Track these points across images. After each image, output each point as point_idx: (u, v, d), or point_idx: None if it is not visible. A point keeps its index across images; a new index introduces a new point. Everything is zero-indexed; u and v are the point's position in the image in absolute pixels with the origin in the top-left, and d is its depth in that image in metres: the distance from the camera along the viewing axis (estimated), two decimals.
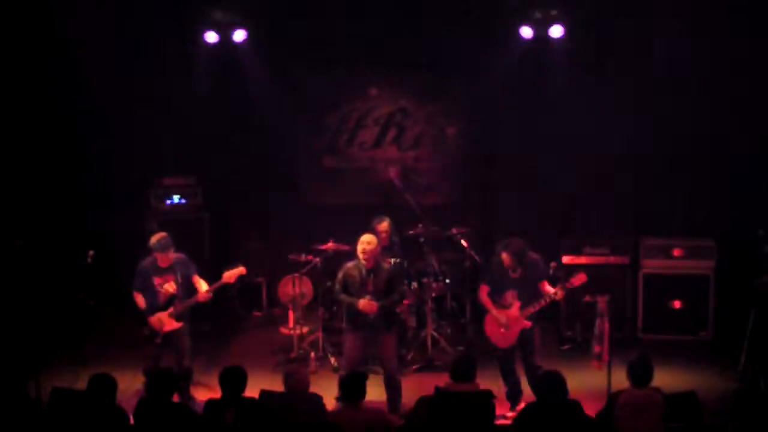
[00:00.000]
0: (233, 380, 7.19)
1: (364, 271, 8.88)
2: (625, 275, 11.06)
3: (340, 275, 8.98)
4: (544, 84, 11.76)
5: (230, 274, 9.23)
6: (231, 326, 11.93)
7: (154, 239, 9.14)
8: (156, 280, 9.13)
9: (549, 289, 8.78)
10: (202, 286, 9.21)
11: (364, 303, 8.75)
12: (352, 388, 7.13)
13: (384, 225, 10.47)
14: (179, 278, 9.14)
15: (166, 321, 9.09)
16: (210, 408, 7.25)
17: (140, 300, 9.17)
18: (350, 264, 8.99)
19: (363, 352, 9.03)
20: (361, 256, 8.87)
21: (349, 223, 10.05)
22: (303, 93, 12.58)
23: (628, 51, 11.40)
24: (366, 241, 8.87)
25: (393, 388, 8.95)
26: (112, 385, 7.16)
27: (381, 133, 12.67)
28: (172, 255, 9.15)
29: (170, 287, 9.13)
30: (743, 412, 8.91)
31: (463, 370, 7.35)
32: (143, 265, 9.21)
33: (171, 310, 9.09)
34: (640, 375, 7.17)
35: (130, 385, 9.08)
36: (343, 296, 8.91)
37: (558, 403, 6.97)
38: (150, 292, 9.14)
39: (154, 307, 9.12)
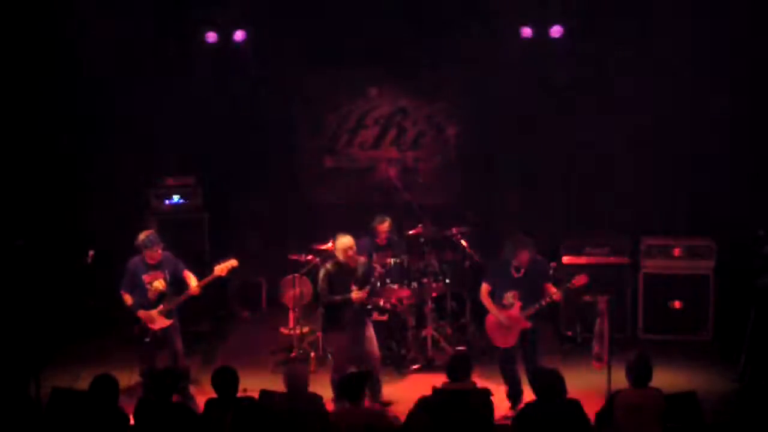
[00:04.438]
0: (225, 381, 7.20)
1: (347, 269, 9.06)
2: (625, 275, 11.06)
3: (323, 277, 9.12)
4: (544, 84, 11.76)
5: (221, 267, 9.23)
6: (231, 326, 11.94)
7: (142, 236, 9.12)
8: (145, 278, 9.11)
9: (553, 290, 8.77)
10: (193, 281, 9.19)
11: (357, 294, 8.92)
12: (352, 388, 7.13)
13: (385, 225, 10.51)
14: (167, 275, 9.13)
15: (156, 318, 9.07)
16: (210, 408, 7.26)
17: (128, 298, 9.16)
18: (329, 265, 9.15)
19: (352, 351, 9.11)
20: (350, 261, 9.06)
21: (349, 223, 10.05)
22: (303, 93, 12.59)
23: (628, 51, 11.41)
24: (349, 246, 9.06)
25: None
26: (115, 385, 7.15)
27: (381, 133, 12.68)
28: (160, 252, 9.14)
29: (159, 284, 9.12)
30: (743, 412, 8.91)
31: (459, 369, 7.38)
32: (132, 263, 9.19)
33: (161, 307, 9.08)
34: (639, 375, 7.16)
35: (129, 385, 9.06)
36: (336, 297, 9.04)
37: (557, 403, 6.97)
38: (139, 290, 9.12)
39: (144, 304, 9.10)
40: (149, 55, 11.80)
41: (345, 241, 9.07)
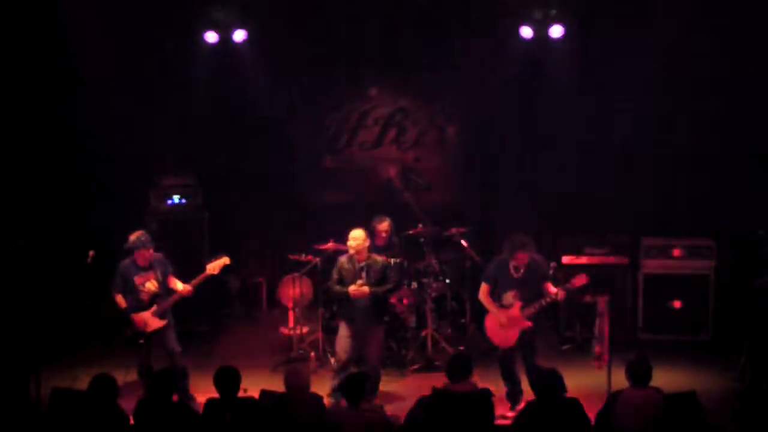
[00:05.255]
0: (227, 381, 7.20)
1: (357, 265, 9.08)
2: (625, 275, 11.06)
3: (335, 270, 9.21)
4: (544, 84, 11.76)
5: (214, 266, 9.23)
6: (230, 326, 11.94)
7: (132, 237, 9.09)
8: (137, 280, 9.10)
9: (552, 289, 8.78)
10: (178, 285, 9.19)
11: (354, 289, 8.96)
12: (352, 388, 7.13)
13: (384, 225, 10.50)
14: (159, 276, 9.12)
15: (150, 320, 9.06)
16: (210, 408, 7.26)
17: (121, 300, 9.15)
18: (343, 258, 9.22)
19: (355, 343, 9.12)
20: (351, 251, 9.10)
21: (349, 223, 10.04)
22: (303, 93, 12.59)
23: (628, 51, 11.41)
24: (353, 237, 9.10)
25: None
26: (114, 385, 7.15)
27: (381, 133, 12.68)
28: (152, 253, 9.13)
29: (152, 285, 9.11)
30: (743, 412, 8.90)
31: (459, 369, 7.37)
32: (124, 265, 9.17)
33: (154, 308, 9.07)
34: (639, 375, 7.17)
35: (128, 385, 9.05)
36: (337, 288, 9.16)
37: (557, 402, 6.97)
38: (132, 292, 9.11)
39: (137, 306, 9.09)
40: (149, 55, 11.80)
41: (351, 234, 9.13)
